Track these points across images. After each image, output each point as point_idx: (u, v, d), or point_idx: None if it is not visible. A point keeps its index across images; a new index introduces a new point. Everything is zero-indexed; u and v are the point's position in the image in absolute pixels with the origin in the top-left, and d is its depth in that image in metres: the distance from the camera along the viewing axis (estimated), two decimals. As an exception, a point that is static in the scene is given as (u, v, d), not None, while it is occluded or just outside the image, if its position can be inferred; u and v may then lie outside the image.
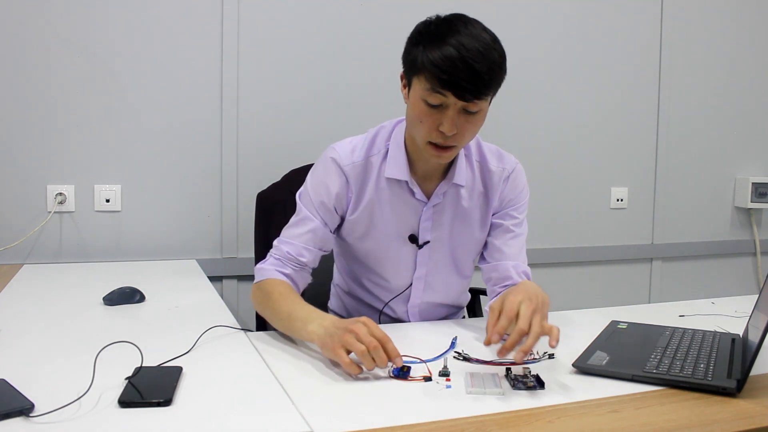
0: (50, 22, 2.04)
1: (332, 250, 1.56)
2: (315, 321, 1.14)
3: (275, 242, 1.39)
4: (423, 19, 1.25)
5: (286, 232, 1.39)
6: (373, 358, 1.02)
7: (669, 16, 2.84)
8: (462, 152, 1.39)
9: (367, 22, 2.36)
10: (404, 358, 1.07)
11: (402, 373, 1.04)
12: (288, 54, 2.29)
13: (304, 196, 1.39)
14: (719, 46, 2.97)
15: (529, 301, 1.11)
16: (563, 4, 2.67)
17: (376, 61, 2.38)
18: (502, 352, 1.06)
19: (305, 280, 1.38)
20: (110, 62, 2.11)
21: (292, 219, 1.40)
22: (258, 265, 1.37)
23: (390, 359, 1.03)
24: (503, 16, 2.57)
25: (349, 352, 1.04)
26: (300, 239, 1.36)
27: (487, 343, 1.07)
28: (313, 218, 1.36)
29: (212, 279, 1.89)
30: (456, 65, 1.14)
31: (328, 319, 1.14)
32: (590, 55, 2.73)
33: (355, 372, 1.03)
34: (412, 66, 1.22)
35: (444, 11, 1.25)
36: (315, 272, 1.42)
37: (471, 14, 1.27)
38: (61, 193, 2.08)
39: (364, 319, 1.08)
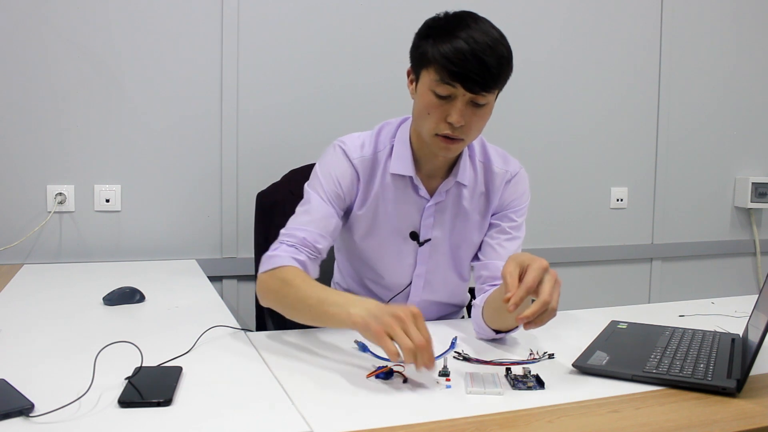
0: (50, 22, 2.04)
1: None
2: (357, 304, 1.08)
3: (284, 231, 1.32)
4: (423, 19, 1.27)
5: (297, 219, 1.33)
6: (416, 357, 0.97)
7: (669, 16, 2.84)
8: (465, 152, 1.39)
9: (367, 22, 2.36)
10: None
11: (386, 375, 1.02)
12: (288, 54, 2.29)
13: (314, 184, 1.36)
14: (719, 46, 2.97)
15: (550, 275, 1.06)
16: (563, 4, 2.67)
17: (376, 61, 2.37)
18: (521, 320, 1.03)
19: (315, 272, 1.30)
20: (110, 62, 2.11)
21: (300, 208, 1.35)
22: (268, 253, 1.29)
23: (426, 363, 0.98)
24: (503, 17, 2.54)
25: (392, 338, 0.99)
26: (314, 225, 1.31)
27: (507, 301, 1.03)
28: (326, 205, 1.33)
29: (212, 279, 1.89)
30: (466, 57, 1.16)
31: (371, 302, 1.08)
32: (590, 55, 2.73)
33: (395, 360, 0.98)
34: (422, 59, 1.23)
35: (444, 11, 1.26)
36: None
37: (471, 14, 1.28)
38: (61, 193, 2.08)
39: (413, 308, 1.02)
